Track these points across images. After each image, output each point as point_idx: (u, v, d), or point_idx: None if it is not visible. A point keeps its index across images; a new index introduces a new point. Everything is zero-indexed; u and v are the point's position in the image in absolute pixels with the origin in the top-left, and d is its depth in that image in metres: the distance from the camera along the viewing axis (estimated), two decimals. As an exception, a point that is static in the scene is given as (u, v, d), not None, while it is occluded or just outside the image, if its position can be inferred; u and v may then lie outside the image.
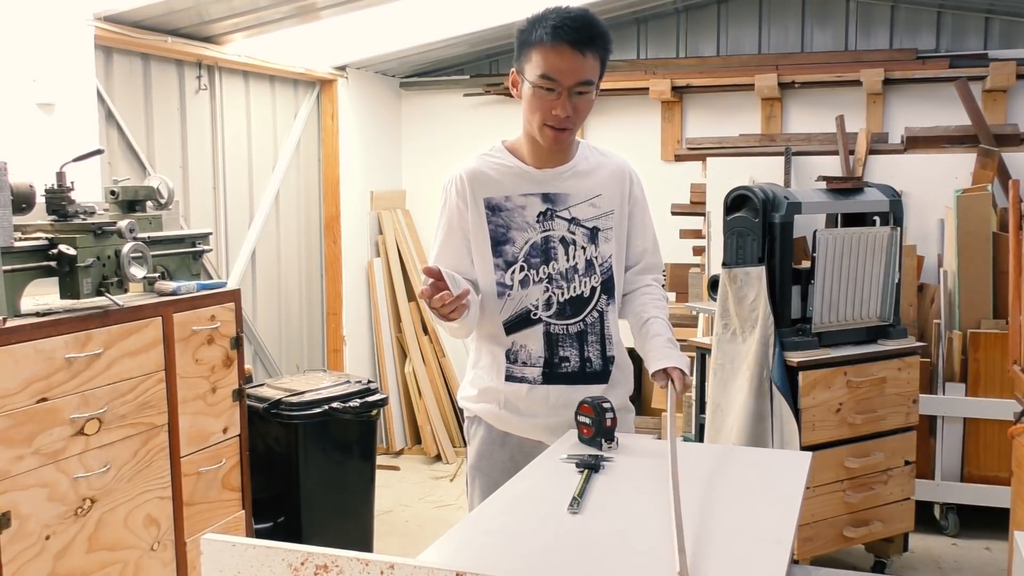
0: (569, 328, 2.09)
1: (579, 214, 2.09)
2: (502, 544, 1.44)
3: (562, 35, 1.92)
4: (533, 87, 1.97)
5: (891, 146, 4.46)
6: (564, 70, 1.94)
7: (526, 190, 2.08)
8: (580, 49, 1.93)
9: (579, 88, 1.97)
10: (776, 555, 1.34)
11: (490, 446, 2.16)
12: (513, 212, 2.07)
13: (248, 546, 1.14)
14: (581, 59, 1.94)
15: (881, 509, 3.41)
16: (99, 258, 2.43)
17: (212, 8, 3.60)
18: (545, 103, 1.98)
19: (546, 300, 2.08)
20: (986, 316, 3.94)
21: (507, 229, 2.07)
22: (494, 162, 2.11)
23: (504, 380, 2.11)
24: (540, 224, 2.07)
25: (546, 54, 1.94)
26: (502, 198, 2.08)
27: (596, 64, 1.99)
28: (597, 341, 2.11)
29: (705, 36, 5.13)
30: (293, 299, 4.86)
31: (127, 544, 2.54)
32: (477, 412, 2.18)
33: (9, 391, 2.16)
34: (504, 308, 2.09)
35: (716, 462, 1.88)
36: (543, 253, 2.07)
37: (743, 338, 3.28)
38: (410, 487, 4.71)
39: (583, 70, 1.95)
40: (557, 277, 2.08)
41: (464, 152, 2.20)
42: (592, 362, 2.11)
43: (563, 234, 2.08)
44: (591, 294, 2.10)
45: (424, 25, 4.48)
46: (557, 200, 2.08)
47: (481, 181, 2.08)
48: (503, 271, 2.08)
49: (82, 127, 3.23)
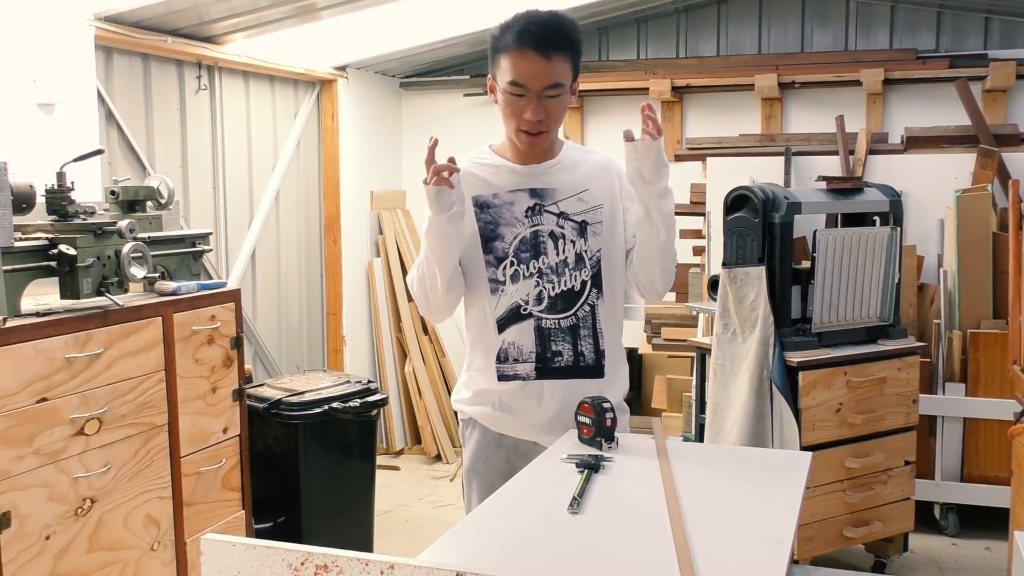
0: (561, 322, 2.09)
1: (567, 208, 2.09)
2: (502, 544, 1.44)
3: (526, 40, 1.93)
4: (504, 93, 1.99)
5: (891, 146, 4.46)
6: (531, 75, 1.95)
7: (513, 186, 2.09)
8: (545, 53, 1.94)
9: (548, 92, 1.97)
10: (776, 555, 1.34)
11: (485, 448, 2.15)
12: (501, 208, 2.08)
13: (248, 546, 1.14)
14: (547, 63, 1.94)
15: (881, 509, 3.41)
16: (99, 258, 2.43)
17: (212, 8, 3.60)
18: (517, 108, 1.99)
19: (537, 295, 2.08)
20: (986, 316, 3.94)
21: (496, 225, 2.08)
22: (480, 163, 2.13)
23: (497, 380, 2.10)
24: (529, 219, 2.08)
25: (513, 60, 1.95)
26: (490, 195, 2.09)
27: (565, 66, 1.98)
28: (589, 335, 2.10)
29: (705, 36, 5.13)
30: (293, 299, 4.86)
31: (127, 544, 2.54)
32: (472, 415, 2.17)
33: (9, 391, 2.16)
34: (498, 305, 2.09)
35: (716, 462, 1.88)
36: (533, 248, 2.08)
37: (743, 338, 3.28)
38: (410, 487, 4.71)
39: (550, 74, 1.95)
40: (547, 271, 2.08)
41: (464, 152, 2.20)
42: (585, 356, 2.10)
43: (552, 228, 2.08)
44: (582, 288, 2.10)
45: (424, 25, 4.48)
46: (544, 195, 2.09)
47: (469, 181, 2.08)
48: (494, 267, 2.08)
49: (82, 127, 3.23)
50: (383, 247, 5.36)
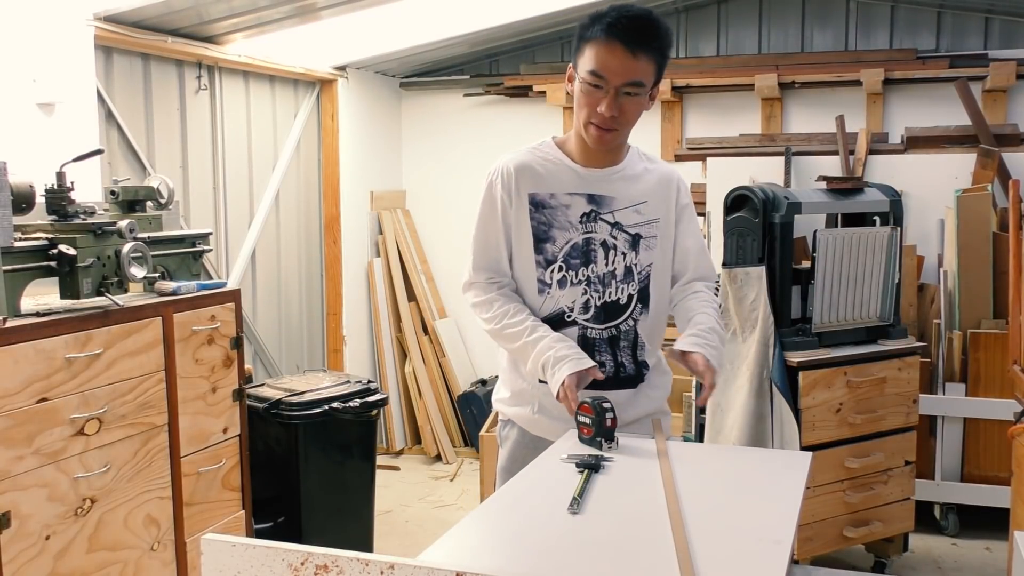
0: (603, 333, 2.06)
1: (623, 219, 2.06)
2: (502, 544, 1.44)
3: (616, 33, 1.89)
4: (582, 83, 1.95)
5: (891, 146, 4.46)
6: (614, 68, 1.91)
7: (572, 189, 2.05)
8: (632, 49, 1.90)
9: (628, 88, 1.93)
10: (776, 555, 1.34)
11: (523, 451, 2.11)
12: (557, 210, 2.04)
13: (248, 546, 1.14)
14: (632, 59, 1.90)
15: (881, 509, 3.41)
16: (99, 258, 2.43)
17: (212, 8, 3.60)
18: (592, 100, 1.95)
19: (584, 303, 2.05)
20: (986, 316, 3.94)
21: (549, 227, 2.04)
22: (542, 157, 2.08)
23: (539, 381, 2.06)
24: (583, 225, 2.04)
25: (598, 50, 1.91)
26: (547, 195, 2.04)
27: (649, 66, 1.94)
28: (629, 347, 2.08)
29: (705, 36, 5.13)
30: (293, 299, 4.86)
31: (127, 544, 2.54)
32: (511, 416, 2.15)
33: (9, 391, 2.16)
34: (543, 306, 2.06)
35: (716, 462, 1.88)
36: (583, 255, 2.04)
37: (743, 338, 3.28)
38: (410, 487, 4.71)
39: (634, 70, 1.91)
40: (595, 280, 2.05)
41: (465, 152, 2.20)
42: (626, 367, 2.08)
43: (605, 238, 2.05)
44: (628, 301, 2.07)
45: (424, 25, 4.48)
46: (602, 202, 2.05)
47: (528, 175, 2.04)
48: (543, 268, 2.05)
49: (82, 127, 3.23)
50: (383, 247, 5.36)
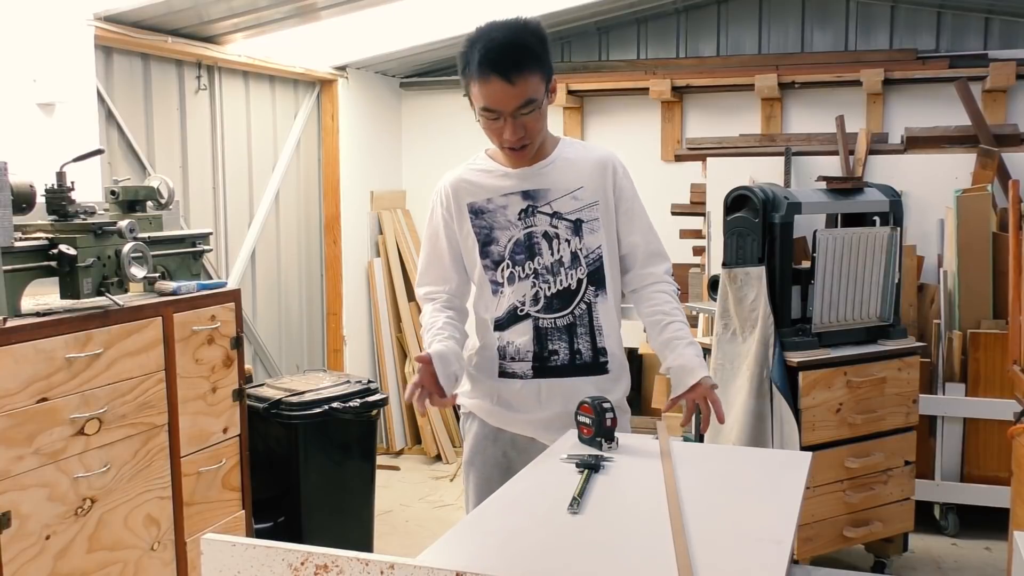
0: (557, 321, 2.11)
1: (561, 207, 2.10)
2: (502, 544, 1.44)
3: (490, 68, 1.94)
4: (480, 116, 2.02)
5: (891, 146, 4.46)
6: (500, 100, 1.96)
7: (506, 190, 2.11)
8: (510, 79, 1.94)
9: (522, 111, 1.98)
10: (776, 555, 1.34)
11: (483, 442, 2.19)
12: (495, 212, 2.11)
13: (248, 546, 1.15)
14: (512, 88, 1.95)
15: (881, 509, 3.41)
16: (99, 258, 2.43)
17: (212, 8, 3.60)
18: (494, 128, 2.02)
19: (533, 295, 2.10)
20: (986, 316, 3.94)
21: (491, 230, 2.11)
22: (475, 168, 2.17)
23: (497, 376, 2.14)
24: (522, 221, 2.10)
25: (481, 87, 1.97)
26: (484, 200, 2.12)
27: (533, 80, 1.97)
28: (587, 333, 2.12)
29: (705, 36, 5.13)
30: (293, 299, 4.86)
31: (127, 544, 2.54)
32: (471, 408, 2.21)
33: (9, 391, 2.16)
34: (498, 306, 2.12)
35: (716, 462, 1.88)
36: (527, 249, 2.10)
37: (743, 338, 3.28)
38: (410, 487, 4.71)
39: (520, 95, 1.96)
40: (543, 272, 2.10)
41: (465, 152, 2.22)
42: (582, 354, 2.12)
43: (545, 229, 2.10)
44: (577, 286, 2.11)
45: (424, 25, 4.48)
46: (537, 196, 2.10)
47: (464, 188, 2.13)
48: (493, 270, 2.12)
49: (82, 127, 3.24)
50: (383, 247, 5.36)
